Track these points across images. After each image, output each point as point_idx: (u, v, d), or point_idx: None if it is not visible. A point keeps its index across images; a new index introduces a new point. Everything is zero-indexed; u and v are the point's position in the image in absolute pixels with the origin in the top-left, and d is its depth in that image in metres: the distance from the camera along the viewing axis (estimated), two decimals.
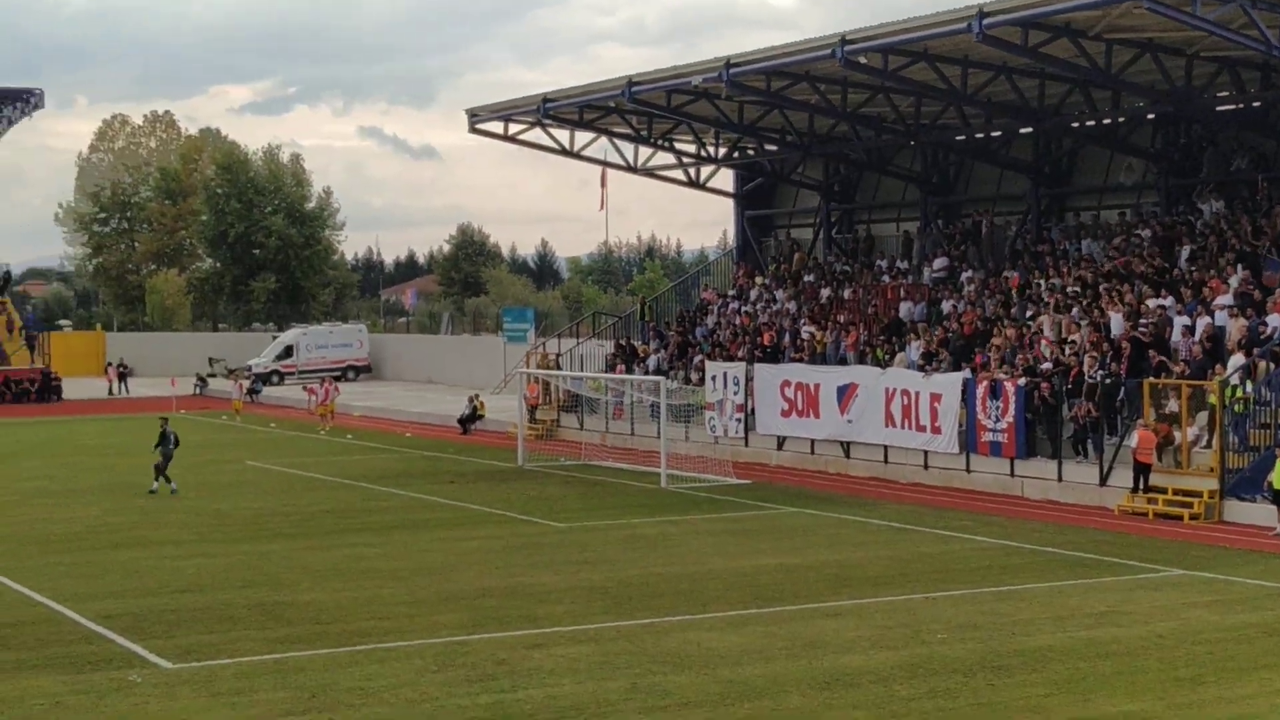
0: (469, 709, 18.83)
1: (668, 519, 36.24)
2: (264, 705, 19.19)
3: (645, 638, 22.82)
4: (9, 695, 19.77)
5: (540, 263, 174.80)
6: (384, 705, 19.09)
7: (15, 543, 32.95)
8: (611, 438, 53.75)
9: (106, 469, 48.75)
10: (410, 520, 36.20)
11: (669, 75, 52.56)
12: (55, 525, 35.72)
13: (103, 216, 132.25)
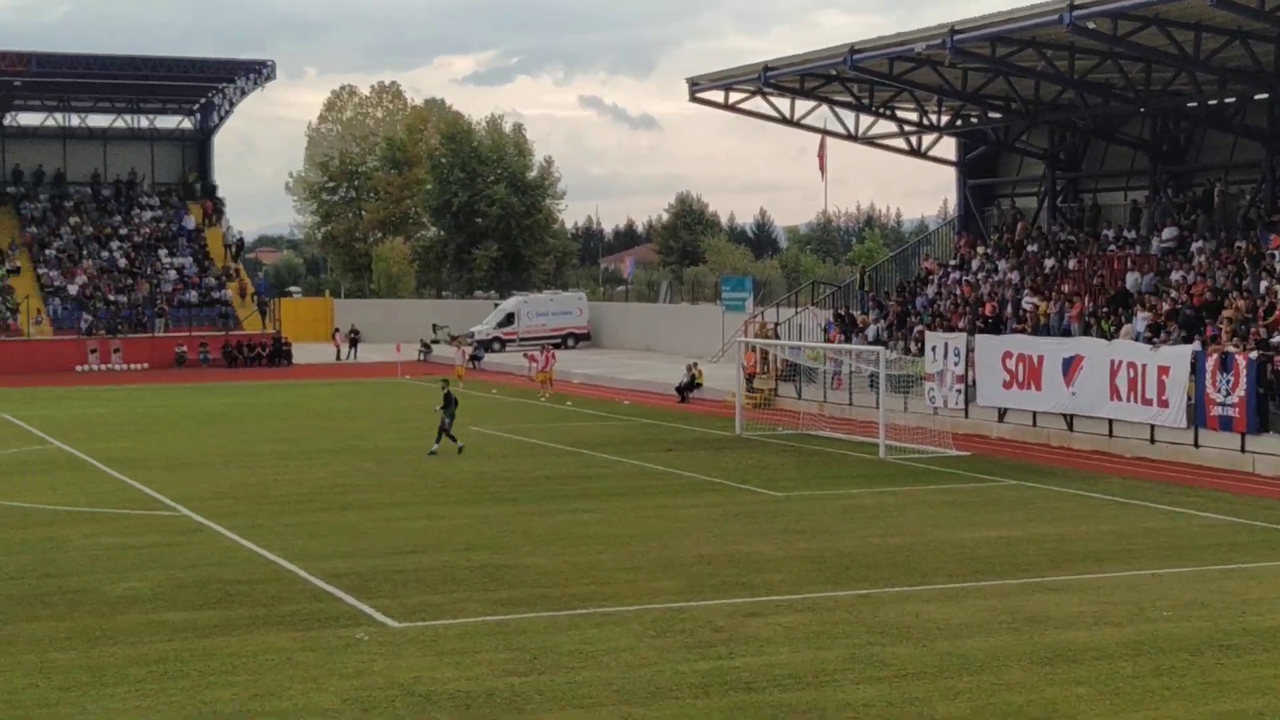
0: (686, 675, 18.91)
1: (886, 490, 35.99)
2: (486, 665, 19.48)
3: (863, 608, 22.72)
4: (243, 650, 20.33)
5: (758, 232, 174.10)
6: (603, 669, 19.25)
7: (249, 503, 33.86)
8: (829, 407, 53.50)
9: (335, 432, 49.83)
10: (629, 487, 36.43)
11: (892, 42, 52.00)
12: (286, 486, 36.62)
13: (331, 185, 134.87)
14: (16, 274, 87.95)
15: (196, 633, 21.35)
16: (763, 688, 18.32)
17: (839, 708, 17.49)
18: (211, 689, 18.42)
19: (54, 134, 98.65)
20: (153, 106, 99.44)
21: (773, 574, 25.42)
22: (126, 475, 38.62)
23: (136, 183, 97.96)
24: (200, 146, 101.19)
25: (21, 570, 26.04)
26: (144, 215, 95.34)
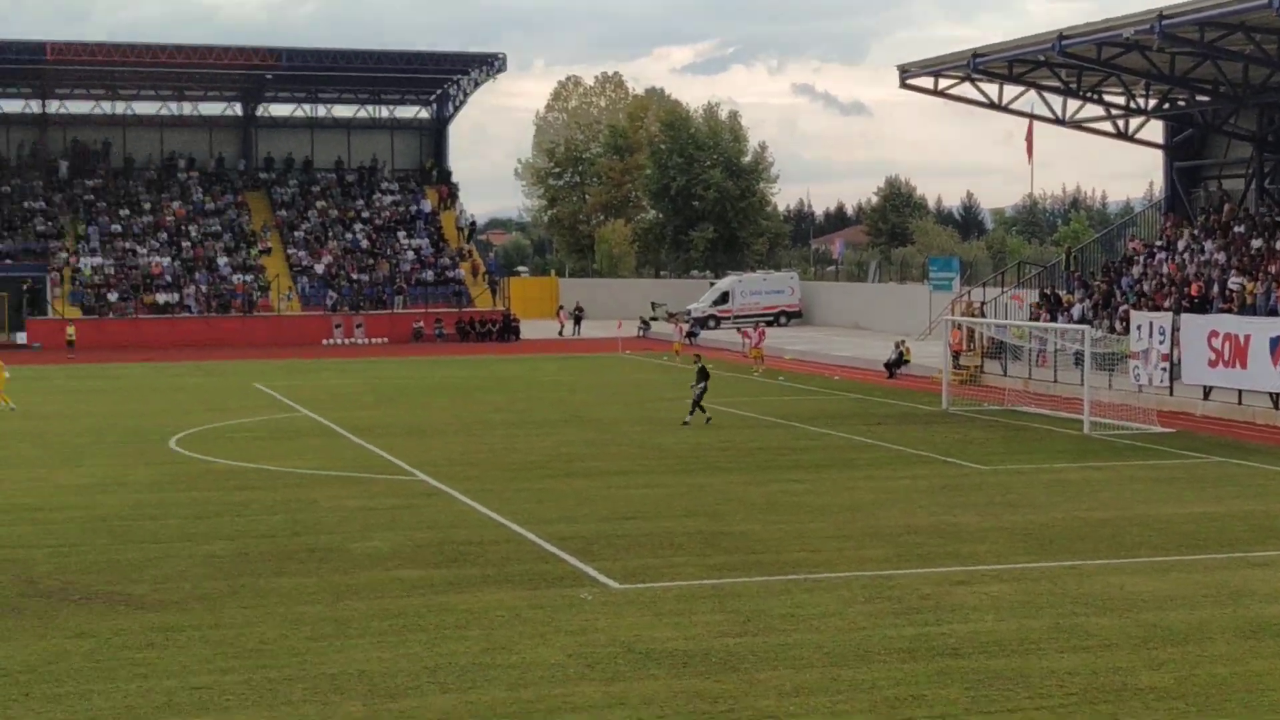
0: (894, 640, 18.81)
1: (1090, 465, 35.35)
2: (703, 626, 19.56)
3: (1068, 579, 22.37)
4: (474, 606, 20.67)
5: (965, 214, 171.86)
6: (814, 632, 19.23)
7: (481, 469, 34.37)
8: (1034, 384, 52.73)
9: (560, 403, 50.33)
10: (839, 459, 36.27)
11: (1100, 28, 51.09)
12: (515, 454, 37.07)
13: (557, 171, 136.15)
14: (268, 254, 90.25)
15: (433, 589, 21.78)
16: (969, 654, 18.16)
17: (1043, 675, 17.25)
18: (447, 642, 18.77)
19: (302, 124, 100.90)
20: (392, 97, 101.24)
21: (979, 545, 25.16)
22: (368, 442, 39.44)
23: (377, 169, 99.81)
24: (436, 134, 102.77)
25: (273, 529, 26.79)
26: (384, 199, 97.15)
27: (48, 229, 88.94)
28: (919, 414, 46.56)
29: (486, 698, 16.49)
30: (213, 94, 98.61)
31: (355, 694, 16.65)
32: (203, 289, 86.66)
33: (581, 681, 17.10)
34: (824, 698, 16.42)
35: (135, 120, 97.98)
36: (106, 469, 34.63)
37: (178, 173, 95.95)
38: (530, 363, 70.74)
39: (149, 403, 50.68)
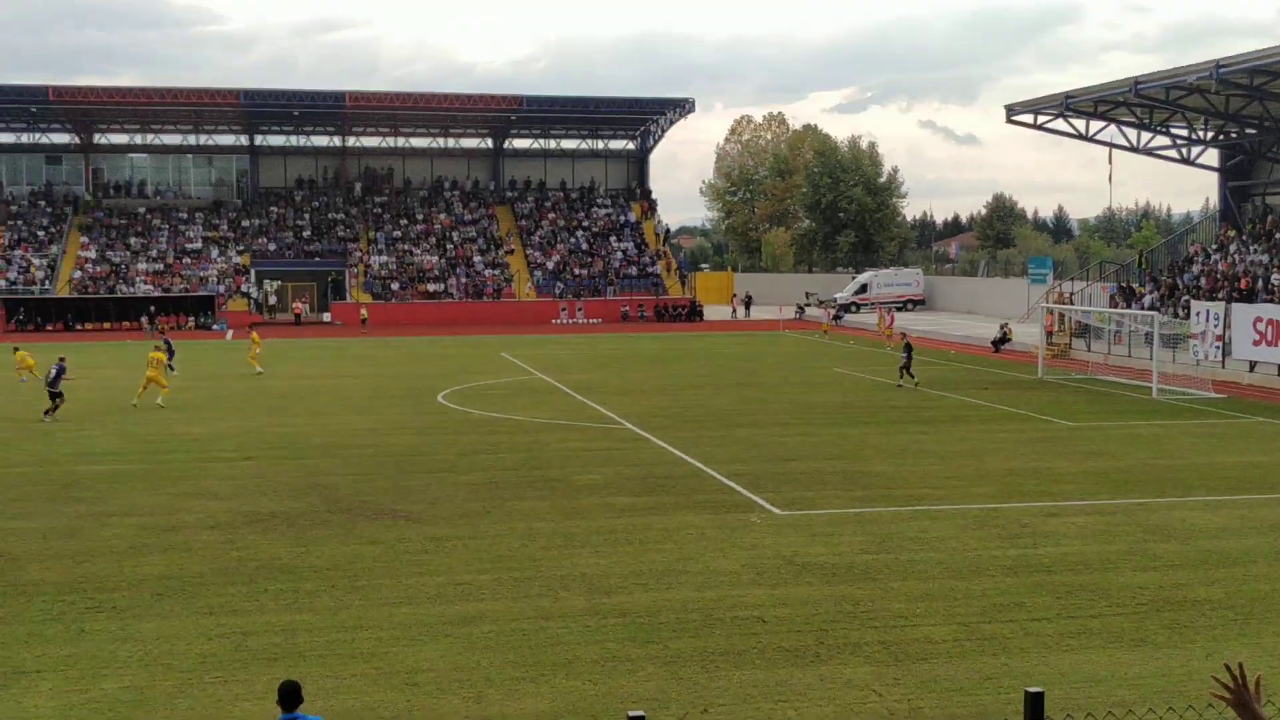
0: (999, 559, 18.60)
1: (1157, 422, 34.43)
2: (847, 544, 19.51)
3: (1139, 513, 21.87)
4: (669, 526, 20.82)
5: (1056, 223, 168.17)
6: (935, 551, 19.09)
7: (674, 420, 34.51)
8: (1112, 358, 51.47)
9: (733, 370, 50.32)
10: (953, 416, 35.81)
11: (1168, 75, 49.84)
12: (699, 409, 37.18)
13: (732, 190, 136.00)
14: (511, 254, 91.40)
15: (637, 512, 21.98)
16: (1058, 571, 17.89)
17: (1119, 589, 16.95)
18: (649, 553, 18.96)
19: (537, 154, 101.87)
20: (606, 133, 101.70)
21: (1067, 485, 24.69)
22: (587, 398, 39.84)
23: (594, 189, 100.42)
24: (640, 162, 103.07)
25: (517, 464, 27.23)
26: (599, 212, 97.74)
27: (346, 234, 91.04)
28: (1019, 381, 45.71)
29: (679, 596, 16.64)
30: (470, 131, 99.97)
31: (578, 590, 16.91)
32: (462, 280, 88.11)
33: (752, 586, 17.17)
34: (943, 603, 16.30)
35: (412, 151, 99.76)
36: (391, 416, 35.46)
37: (444, 192, 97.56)
38: (710, 339, 70.81)
39: (422, 366, 51.73)
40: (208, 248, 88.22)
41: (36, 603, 16.47)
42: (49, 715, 12.54)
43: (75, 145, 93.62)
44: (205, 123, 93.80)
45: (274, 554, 19.02)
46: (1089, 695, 12.94)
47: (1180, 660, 14.14)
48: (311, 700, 12.83)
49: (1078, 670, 13.77)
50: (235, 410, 37.06)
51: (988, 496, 23.38)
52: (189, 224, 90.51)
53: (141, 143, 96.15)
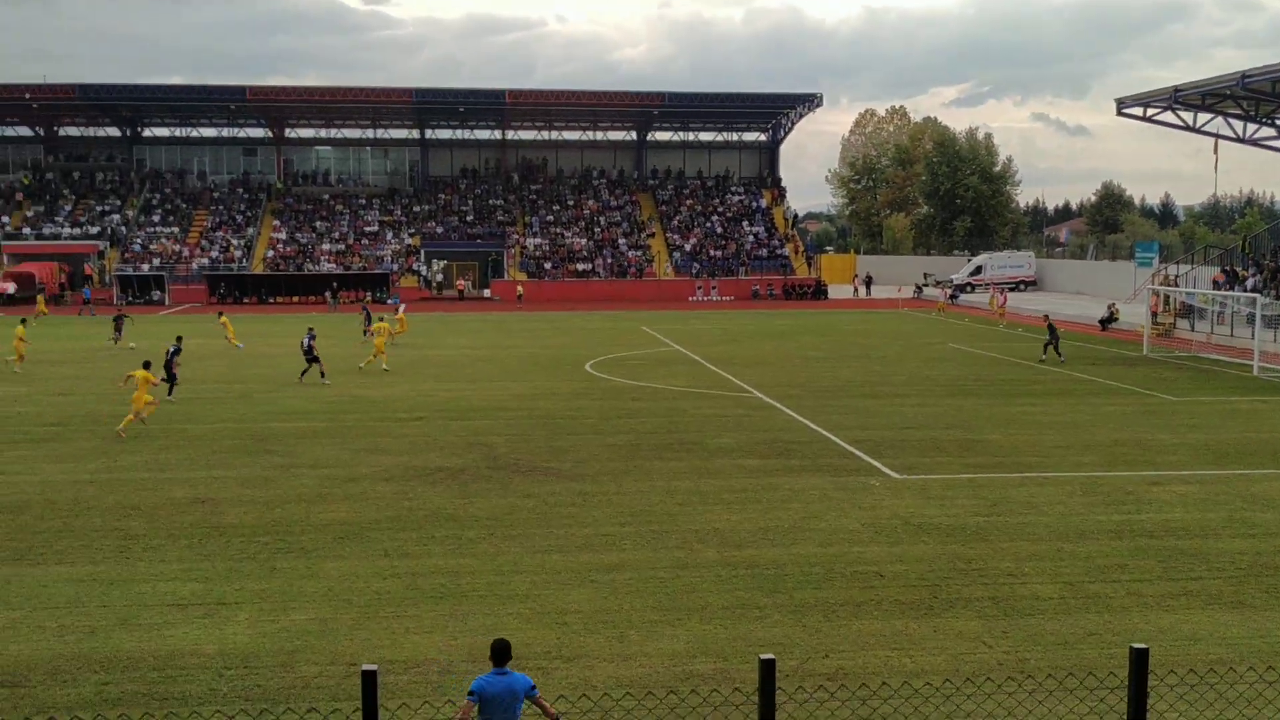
0: (1104, 523, 18.18)
1: (1257, 398, 33.21)
2: (960, 507, 19.25)
3: (1239, 484, 21.17)
4: (795, 487, 20.74)
5: (1163, 210, 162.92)
6: (1043, 515, 18.73)
7: (800, 390, 34.30)
8: (1215, 337, 49.77)
9: (855, 345, 49.79)
10: (1062, 389, 34.99)
11: (1275, 69, 47.70)
12: (824, 380, 36.86)
13: (856, 178, 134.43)
14: (653, 237, 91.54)
15: (766, 474, 21.94)
16: (1161, 536, 17.42)
17: (1218, 554, 16.46)
18: (776, 511, 18.92)
19: (677, 145, 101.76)
20: (740, 126, 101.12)
21: (1170, 455, 23.99)
22: (720, 369, 39.80)
23: (728, 177, 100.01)
24: (770, 152, 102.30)
25: (656, 428, 27.33)
26: (733, 199, 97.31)
27: (505, 219, 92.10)
28: (1125, 358, 44.45)
29: (803, 551, 16.59)
30: (616, 124, 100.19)
31: (711, 544, 16.96)
32: (608, 260, 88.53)
33: (871, 543, 17.05)
34: (1050, 563, 16.01)
35: (564, 144, 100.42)
36: (543, 383, 35.84)
37: (592, 180, 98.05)
38: (834, 315, 70.16)
39: (571, 338, 52.15)
40: (383, 230, 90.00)
41: (234, 542, 17.07)
42: (246, 641, 13.01)
43: (269, 139, 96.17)
44: (381, 118, 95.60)
45: (440, 505, 19.42)
46: (1188, 653, 12.62)
47: (1277, 622, 13.69)
48: (473, 635, 13.14)
49: (1177, 629, 13.42)
50: (405, 377, 37.82)
51: (1093, 465, 22.83)
52: (367, 209, 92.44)
53: (326, 136, 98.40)
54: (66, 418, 29.08)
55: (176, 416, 29.18)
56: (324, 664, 12.32)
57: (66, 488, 20.82)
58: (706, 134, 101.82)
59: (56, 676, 11.99)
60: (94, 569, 15.77)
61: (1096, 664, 12.30)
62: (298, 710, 10.93)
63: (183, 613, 13.96)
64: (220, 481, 21.28)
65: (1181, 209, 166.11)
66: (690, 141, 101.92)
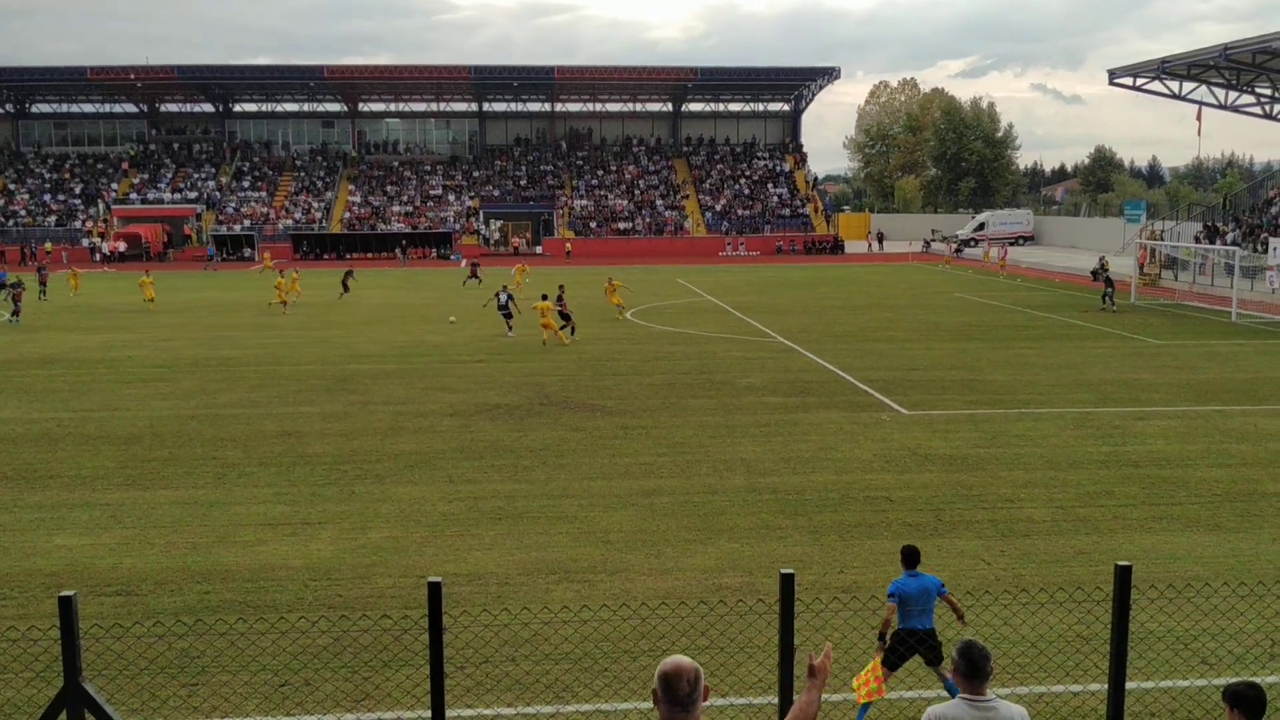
0: (1093, 454, 18.00)
1: (1235, 341, 32.76)
2: (962, 439, 19.12)
3: (1216, 419, 20.90)
4: (814, 421, 20.63)
5: (1150, 171, 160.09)
6: (1038, 446, 18.57)
7: (818, 335, 34.10)
8: (1196, 287, 49.05)
9: (868, 295, 49.45)
10: (1056, 334, 34.64)
11: (1255, 41, 46.65)
12: (840, 326, 36.66)
13: (870, 144, 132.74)
14: (686, 198, 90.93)
15: (787, 410, 21.86)
16: (1145, 465, 17.24)
17: (1197, 482, 16.27)
18: (796, 443, 18.86)
19: (709, 115, 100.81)
20: (765, 97, 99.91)
21: (1154, 393, 23.70)
22: (747, 316, 39.65)
23: (755, 144, 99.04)
24: (793, 121, 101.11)
25: (690, 369, 27.30)
26: (759, 163, 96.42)
27: (554, 183, 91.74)
28: (1116, 309, 43.92)
29: (821, 479, 16.55)
30: (654, 97, 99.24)
31: (739, 472, 16.95)
32: (646, 220, 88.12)
33: (882, 471, 16.98)
34: (1044, 489, 15.89)
35: (607, 115, 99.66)
36: (589, 329, 35.77)
37: (632, 147, 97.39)
38: (850, 269, 69.66)
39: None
40: (446, 194, 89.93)
41: (317, 470, 17.24)
42: (329, 556, 13.16)
43: (344, 112, 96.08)
44: (444, 93, 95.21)
45: (498, 437, 19.50)
46: (1168, 570, 12.51)
47: (1249, 544, 13.54)
48: (526, 551, 13.22)
49: (1159, 549, 13.31)
50: (466, 324, 37.91)
51: (1085, 402, 22.60)
52: (431, 175, 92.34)
53: (394, 110, 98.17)
54: (171, 360, 29.40)
55: (264, 359, 29.42)
56: (396, 576, 12.45)
57: (171, 421, 21.07)
58: (735, 105, 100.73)
59: (164, 586, 12.18)
60: (195, 493, 15.99)
61: (1085, 579, 12.22)
62: (373, 617, 11.07)
63: (273, 531, 14.14)
64: (305, 416, 21.46)
65: (1167, 170, 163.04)
66: (720, 112, 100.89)
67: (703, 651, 10.24)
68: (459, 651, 10.17)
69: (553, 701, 9.35)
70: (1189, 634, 10.33)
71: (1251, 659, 10.07)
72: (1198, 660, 9.99)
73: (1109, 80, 58.29)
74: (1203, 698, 9.26)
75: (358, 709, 9.21)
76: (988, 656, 5.23)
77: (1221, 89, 56.83)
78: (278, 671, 9.93)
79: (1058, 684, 9.49)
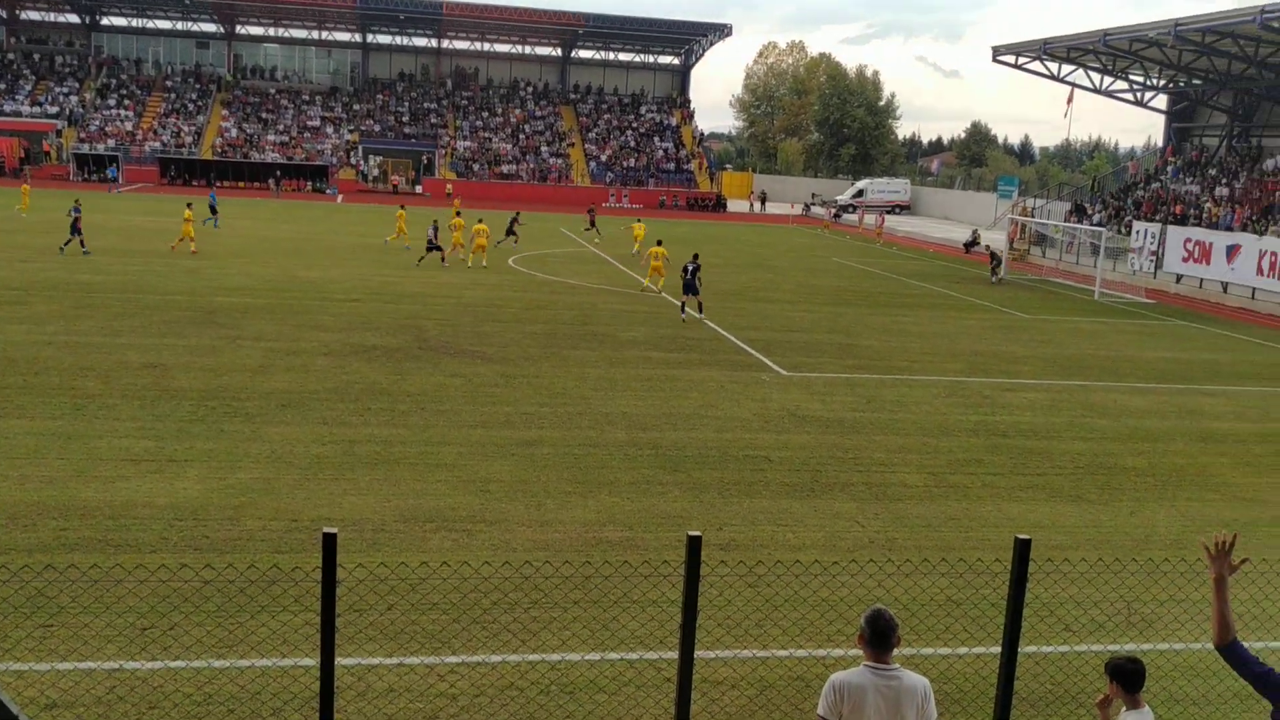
0: (963, 422, 18.48)
1: (1098, 319, 34.03)
2: (839, 401, 19.42)
3: (1080, 393, 21.68)
4: (695, 379, 20.71)
5: (1022, 149, 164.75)
6: (911, 413, 18.97)
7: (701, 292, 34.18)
8: (1063, 265, 50.77)
9: (750, 255, 49.84)
10: (929, 303, 35.46)
11: (1133, 29, 48.18)
12: (723, 285, 36.76)
13: (756, 104, 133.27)
14: (572, 146, 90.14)
15: (669, 365, 21.89)
16: (1012, 435, 17.78)
17: (1061, 454, 16.83)
18: (677, 399, 18.91)
19: (598, 64, 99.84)
20: (656, 50, 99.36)
21: (1023, 365, 24.46)
22: (628, 269, 39.55)
23: (643, 96, 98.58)
24: (682, 76, 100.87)
25: (571, 320, 27.12)
26: (646, 116, 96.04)
27: (438, 122, 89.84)
28: (984, 278, 45.12)
29: (701, 436, 16.61)
30: (544, 41, 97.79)
31: (620, 426, 16.91)
32: (531, 166, 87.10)
33: (761, 431, 17.14)
34: (916, 455, 16.24)
35: (495, 55, 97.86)
36: (470, 275, 35.30)
37: (519, 91, 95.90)
38: (732, 227, 70.11)
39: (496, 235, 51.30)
40: (324, 126, 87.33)
41: (184, 405, 16.59)
42: (196, 496, 12.69)
43: (220, 34, 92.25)
44: (327, 21, 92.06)
45: (375, 379, 19.07)
46: (1034, 538, 12.88)
47: (1109, 515, 14.09)
48: (403, 498, 12.95)
49: (1024, 517, 13.74)
50: (341, 261, 36.99)
51: (956, 371, 23.19)
52: (309, 105, 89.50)
53: (274, 35, 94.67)
54: (27, 283, 27.94)
55: (129, 287, 28.20)
56: (267, 519, 12.06)
57: (26, 347, 20.03)
58: (625, 55, 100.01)
59: (17, 521, 11.57)
60: (52, 424, 15.23)
61: (954, 544, 12.55)
62: (242, 561, 10.70)
63: (136, 467, 13.56)
64: (170, 349, 20.64)
65: (1038, 149, 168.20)
66: (610, 61, 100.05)
67: (580, 605, 10.19)
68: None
69: (430, 652, 9.19)
70: (1055, 601, 10.69)
71: (1112, 626, 10.48)
72: (1061, 627, 10.34)
73: (992, 57, 59.50)
74: (1064, 663, 9.59)
75: (227, 655, 8.90)
76: (894, 626, 5.27)
77: (1098, 73, 58.55)
78: (143, 614, 9.53)
79: (928, 647, 9.71)
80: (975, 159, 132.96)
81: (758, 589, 10.61)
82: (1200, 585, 11.12)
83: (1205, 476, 16.06)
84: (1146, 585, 11.11)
